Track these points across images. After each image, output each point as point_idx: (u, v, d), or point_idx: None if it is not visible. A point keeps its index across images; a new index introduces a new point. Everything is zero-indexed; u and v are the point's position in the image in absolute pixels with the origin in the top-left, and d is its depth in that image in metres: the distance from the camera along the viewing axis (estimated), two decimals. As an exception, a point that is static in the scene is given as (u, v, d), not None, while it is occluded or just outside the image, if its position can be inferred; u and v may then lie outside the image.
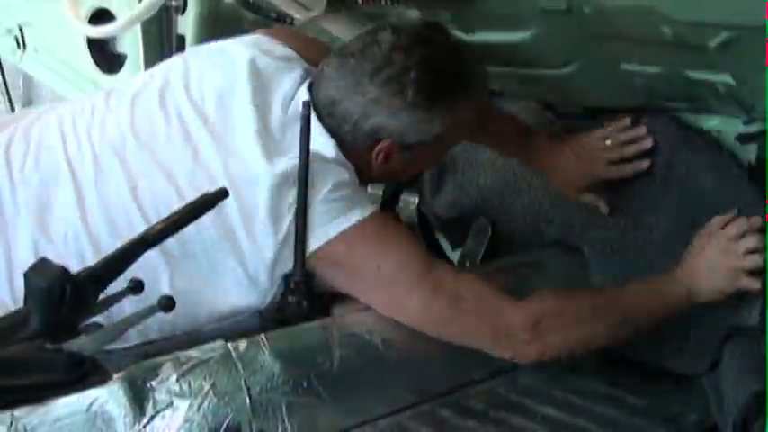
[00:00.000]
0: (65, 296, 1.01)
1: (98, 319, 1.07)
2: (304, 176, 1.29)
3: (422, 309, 1.35)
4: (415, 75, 1.33)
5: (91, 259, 1.21)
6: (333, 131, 1.36)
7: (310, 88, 1.39)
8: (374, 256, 1.35)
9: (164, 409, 1.10)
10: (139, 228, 1.17)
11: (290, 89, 1.40)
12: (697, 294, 1.42)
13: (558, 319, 1.36)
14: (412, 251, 1.38)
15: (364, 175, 1.41)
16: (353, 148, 1.38)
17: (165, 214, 1.12)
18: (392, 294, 1.36)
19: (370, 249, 1.35)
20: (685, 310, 1.44)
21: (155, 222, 1.10)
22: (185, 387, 1.13)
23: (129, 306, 1.09)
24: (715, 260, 1.42)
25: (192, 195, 1.15)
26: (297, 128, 1.32)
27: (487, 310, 1.36)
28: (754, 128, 1.48)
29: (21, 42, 2.55)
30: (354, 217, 1.33)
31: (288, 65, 1.44)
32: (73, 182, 1.33)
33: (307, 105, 1.33)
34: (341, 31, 1.68)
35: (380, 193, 1.80)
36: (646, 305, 1.43)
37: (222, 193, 1.13)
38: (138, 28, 1.94)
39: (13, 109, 3.10)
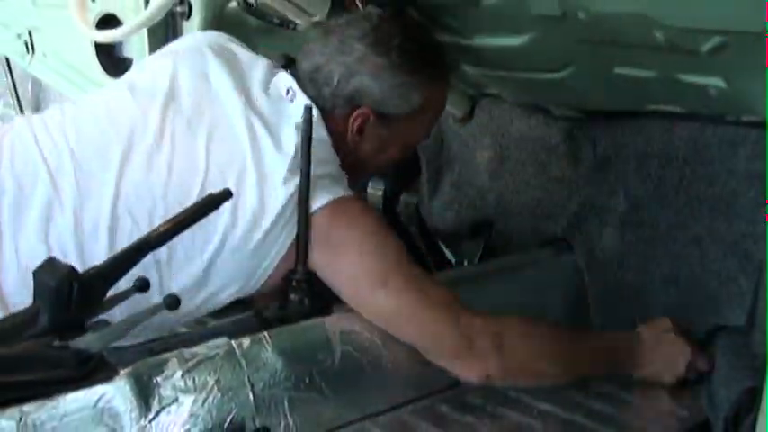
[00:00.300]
0: (72, 294, 1.02)
1: (105, 316, 1.07)
2: (306, 175, 1.30)
3: (392, 296, 1.33)
4: (400, 41, 1.39)
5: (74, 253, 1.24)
6: (314, 99, 1.39)
7: (292, 73, 1.43)
8: (357, 231, 1.35)
9: (169, 405, 1.10)
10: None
11: (266, 74, 1.43)
12: (640, 371, 1.46)
13: (518, 338, 1.36)
14: (391, 236, 1.39)
15: (339, 155, 1.42)
16: (332, 114, 1.40)
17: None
18: (367, 276, 1.34)
19: (353, 224, 1.35)
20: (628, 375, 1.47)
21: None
22: (190, 383, 1.13)
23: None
24: (668, 361, 1.45)
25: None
26: (281, 106, 1.36)
27: (454, 311, 1.34)
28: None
29: (30, 46, 2.55)
30: (338, 192, 1.35)
31: (255, 56, 1.49)
32: (50, 177, 1.30)
33: (308, 110, 1.33)
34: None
35: (380, 194, 1.81)
36: (598, 361, 1.45)
37: (226, 194, 1.13)
38: (144, 33, 1.94)
39: (22, 111, 3.10)
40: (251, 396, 1.18)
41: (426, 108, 1.46)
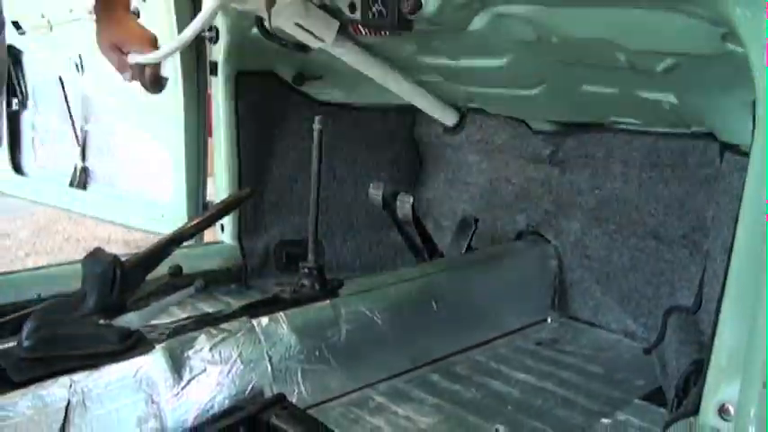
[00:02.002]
0: (115, 280, 1.02)
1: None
2: (317, 176, 1.29)
3: None
4: None
5: None
6: None
7: None
8: None
9: (198, 375, 1.10)
10: None
11: None
12: None
13: None
14: None
15: None
16: None
17: None
18: None
19: None
20: None
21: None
22: (216, 356, 1.13)
23: None
24: None
25: None
26: None
27: None
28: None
29: (80, 67, 2.56)
30: None
31: None
32: None
33: (320, 121, 1.33)
34: (347, 57, 1.68)
35: (380, 193, 1.80)
36: None
37: (250, 193, 1.13)
38: (177, 55, 1.94)
39: (73, 123, 3.10)
40: (269, 367, 1.18)
41: None
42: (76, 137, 2.76)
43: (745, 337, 0.88)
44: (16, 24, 2.52)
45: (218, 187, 1.91)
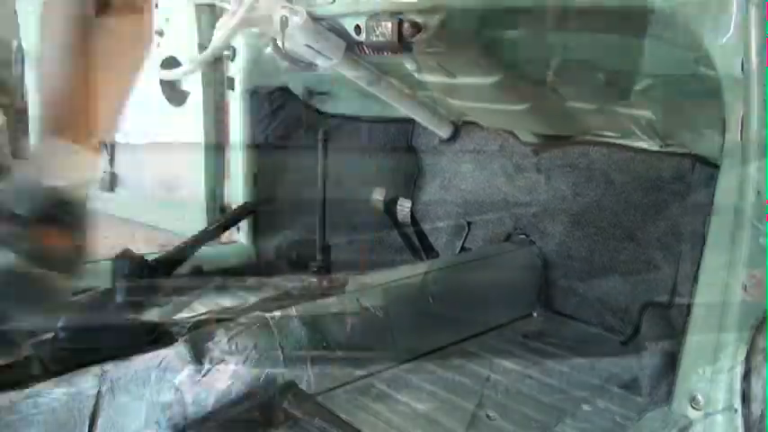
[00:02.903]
0: (143, 278, 1.03)
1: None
2: (323, 182, 1.29)
3: None
4: None
5: None
6: None
7: None
8: None
9: (217, 365, 1.11)
10: None
11: None
12: None
13: None
14: None
15: None
16: None
17: None
18: None
19: None
20: None
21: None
22: (234, 347, 1.14)
23: None
24: None
25: None
26: None
27: None
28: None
29: (108, 81, 2.56)
30: None
31: None
32: None
33: (323, 133, 1.31)
34: (353, 74, 1.68)
35: (381, 198, 1.81)
36: None
37: (266, 200, 1.13)
38: (198, 72, 1.94)
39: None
40: (281, 357, 1.19)
41: None
42: (105, 145, 2.76)
43: (714, 332, 0.88)
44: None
45: (234, 193, 1.92)
